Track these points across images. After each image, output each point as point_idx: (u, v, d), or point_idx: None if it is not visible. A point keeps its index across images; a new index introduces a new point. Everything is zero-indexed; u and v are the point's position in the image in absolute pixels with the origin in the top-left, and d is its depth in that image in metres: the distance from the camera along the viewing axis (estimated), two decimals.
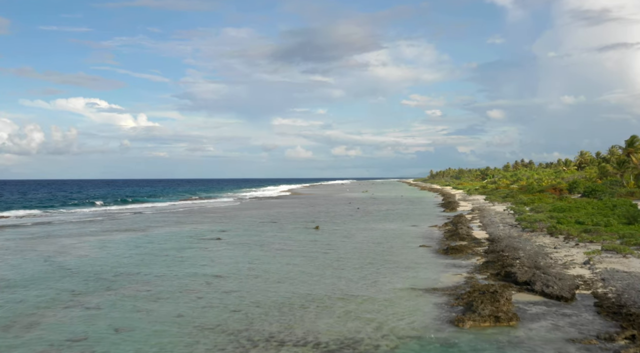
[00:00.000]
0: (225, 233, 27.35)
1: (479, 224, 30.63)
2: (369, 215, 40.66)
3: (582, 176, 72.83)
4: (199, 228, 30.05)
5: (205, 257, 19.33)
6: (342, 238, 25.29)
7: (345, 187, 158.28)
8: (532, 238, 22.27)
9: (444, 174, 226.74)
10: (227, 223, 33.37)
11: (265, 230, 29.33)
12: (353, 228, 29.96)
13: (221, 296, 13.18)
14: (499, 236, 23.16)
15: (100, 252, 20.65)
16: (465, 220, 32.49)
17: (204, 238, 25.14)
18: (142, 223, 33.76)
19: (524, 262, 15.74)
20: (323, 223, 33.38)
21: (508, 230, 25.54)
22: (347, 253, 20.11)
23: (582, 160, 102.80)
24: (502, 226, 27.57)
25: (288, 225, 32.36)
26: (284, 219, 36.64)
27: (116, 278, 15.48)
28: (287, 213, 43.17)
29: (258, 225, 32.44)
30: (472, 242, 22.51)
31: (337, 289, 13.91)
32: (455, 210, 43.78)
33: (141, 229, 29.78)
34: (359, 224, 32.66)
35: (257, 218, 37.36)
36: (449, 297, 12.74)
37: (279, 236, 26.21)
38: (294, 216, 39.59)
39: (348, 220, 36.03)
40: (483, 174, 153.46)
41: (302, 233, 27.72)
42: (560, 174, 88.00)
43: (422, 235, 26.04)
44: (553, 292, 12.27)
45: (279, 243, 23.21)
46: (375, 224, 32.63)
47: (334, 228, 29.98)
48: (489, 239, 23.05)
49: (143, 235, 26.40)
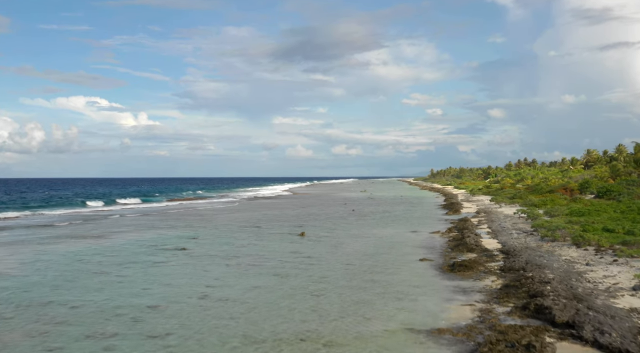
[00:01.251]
0: (194, 242, 23.60)
1: (487, 230, 26.85)
2: (364, 218, 36.90)
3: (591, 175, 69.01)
4: (168, 235, 26.30)
5: (152, 277, 15.56)
6: (328, 248, 21.53)
7: (344, 186, 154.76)
8: (556, 250, 18.50)
9: (444, 173, 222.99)
10: (204, 228, 29.62)
11: (242, 237, 25.57)
12: (344, 235, 26.20)
13: (140, 343, 9.43)
14: (515, 247, 19.37)
15: (23, 268, 16.85)
16: (472, 225, 28.72)
17: (166, 249, 21.39)
18: (107, 228, 30.00)
19: (556, 288, 11.94)
20: (311, 228, 29.63)
21: (524, 239, 21.76)
22: (330, 271, 16.34)
23: (589, 158, 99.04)
24: (515, 233, 23.78)
25: (271, 230, 28.60)
26: (269, 223, 32.90)
27: (14, 311, 11.69)
28: (276, 215, 39.42)
29: (238, 230, 28.69)
30: (483, 255, 18.73)
31: (307, 331, 10.15)
32: (459, 212, 40.00)
33: (100, 236, 26.01)
34: (352, 229, 28.91)
35: (241, 222, 33.62)
36: (460, 348, 8.99)
37: (256, 246, 22.46)
38: (282, 219, 35.84)
39: (340, 224, 32.27)
40: (485, 173, 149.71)
41: (283, 241, 23.97)
42: (567, 172, 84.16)
43: (423, 244, 22.29)
44: (613, 343, 8.49)
45: (252, 256, 19.45)
46: (370, 229, 28.88)
47: (322, 235, 26.22)
48: (503, 251, 19.25)
49: (95, 245, 22.61)
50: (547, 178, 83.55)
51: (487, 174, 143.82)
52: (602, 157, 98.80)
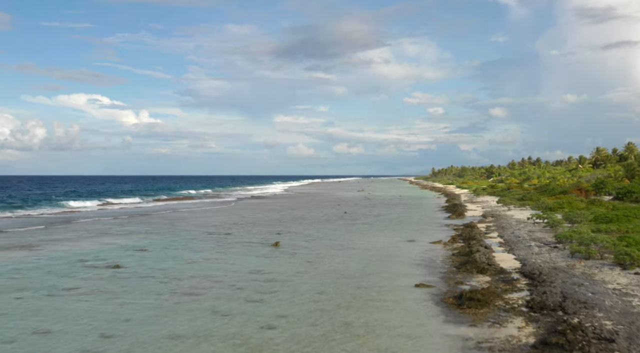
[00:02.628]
0: (138, 255, 19.17)
1: (499, 240, 22.38)
2: (356, 222, 32.45)
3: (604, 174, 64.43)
4: (114, 246, 21.85)
5: (34, 315, 11.11)
6: (302, 266, 17.09)
7: (343, 184, 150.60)
8: (595, 273, 14.04)
9: (446, 171, 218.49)
10: (164, 236, 25.19)
11: (202, 248, 21.13)
12: (326, 246, 21.76)
13: None
14: (540, 268, 14.87)
15: None
16: (479, 233, 24.26)
17: (95, 266, 16.94)
18: (52, 235, 25.56)
19: None
20: (291, 235, 25.21)
21: (548, 255, 17.29)
22: (292, 307, 11.90)
23: (598, 157, 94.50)
24: (535, 246, 19.29)
25: (242, 238, 24.17)
26: (245, 228, 28.46)
27: None
28: (257, 218, 34.99)
29: (202, 238, 24.26)
30: (499, 279, 14.27)
31: None
32: (463, 215, 35.52)
33: (32, 245, 21.51)
34: (338, 237, 24.47)
35: (213, 227, 29.19)
36: None
37: (211, 262, 18.01)
38: (262, 223, 31.41)
39: (326, 230, 27.83)
40: (488, 171, 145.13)
41: (250, 254, 19.54)
42: (576, 172, 79.59)
43: (421, 260, 17.84)
44: None
45: (198, 278, 15.01)
46: (359, 237, 24.45)
47: (300, 246, 21.78)
48: (525, 273, 14.76)
49: (10, 260, 18.15)
50: (555, 178, 79.07)
51: (490, 173, 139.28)
52: (611, 156, 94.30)
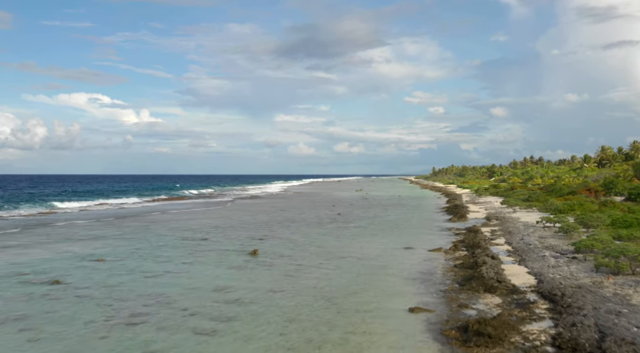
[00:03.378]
0: (90, 267, 16.60)
1: (507, 248, 19.79)
2: (349, 225, 29.86)
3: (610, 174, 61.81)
4: (69, 254, 19.25)
5: None
6: (277, 281, 14.51)
7: (343, 184, 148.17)
8: (630, 294, 11.45)
9: (446, 171, 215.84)
10: (132, 241, 22.62)
11: (170, 257, 18.55)
12: (311, 254, 19.18)
13: None
14: (562, 287, 12.26)
15: None
16: (484, 239, 21.67)
17: (29, 281, 14.33)
18: (9, 241, 23.01)
19: None
20: (275, 240, 22.65)
21: (567, 268, 14.69)
22: (249, 342, 9.30)
23: (604, 156, 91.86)
24: (551, 257, 16.67)
25: (218, 244, 21.59)
26: (225, 232, 25.89)
27: None
28: (242, 221, 32.40)
29: (174, 244, 21.67)
30: (513, 303, 11.67)
31: None
32: (465, 218, 32.92)
33: None
34: (326, 243, 21.89)
35: (190, 231, 26.63)
36: None
37: (174, 275, 15.43)
38: (246, 227, 28.84)
39: (314, 234, 25.25)
40: (489, 171, 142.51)
41: (221, 265, 16.97)
42: (582, 171, 76.96)
43: (418, 273, 15.26)
44: None
45: (148, 298, 12.43)
46: (351, 243, 21.87)
47: (282, 254, 19.20)
48: (543, 294, 12.15)
49: None
50: (560, 177, 76.48)
51: (491, 173, 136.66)
52: (617, 155, 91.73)
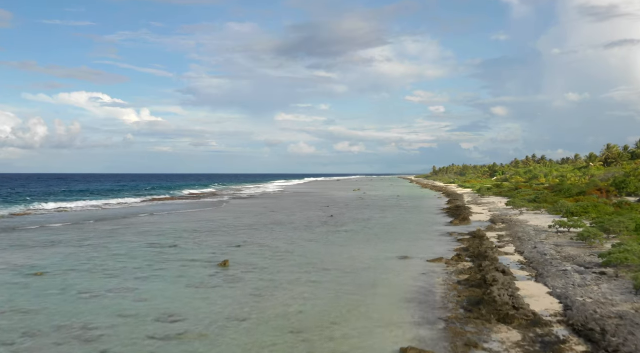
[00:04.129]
0: (21, 284, 13.86)
1: (519, 259, 17.05)
2: (340, 228, 27.15)
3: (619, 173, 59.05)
4: (5, 266, 16.55)
5: None
6: (240, 304, 11.77)
7: (342, 183, 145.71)
8: None
9: (447, 170, 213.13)
10: (88, 248, 19.89)
11: (124, 269, 15.82)
12: (291, 265, 16.47)
13: None
14: (599, 319, 9.50)
15: None
16: (491, 247, 18.93)
17: None
18: None
19: None
20: (253, 248, 19.94)
21: (597, 288, 11.94)
22: None
23: (609, 154, 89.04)
24: (574, 272, 13.90)
25: (187, 253, 18.87)
26: (199, 238, 23.18)
27: None
28: (224, 224, 29.68)
29: (135, 254, 18.93)
30: (537, 341, 8.93)
31: None
32: (468, 221, 30.18)
33: None
34: (311, 252, 19.17)
35: (162, 236, 23.93)
36: None
37: (119, 293, 12.69)
38: (226, 231, 26.13)
39: (300, 240, 22.54)
40: (491, 170, 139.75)
41: (181, 279, 14.25)
42: (588, 170, 74.17)
43: (414, 293, 12.54)
44: None
45: (68, 331, 9.72)
46: (340, 251, 19.16)
47: (256, 265, 16.48)
48: (575, 328, 9.37)
49: None
50: (564, 177, 73.75)
51: (493, 172, 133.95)
52: (623, 153, 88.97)
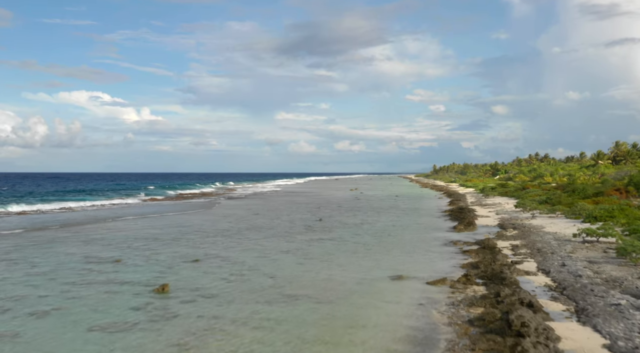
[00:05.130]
0: None
1: (545, 281, 13.19)
2: (326, 235, 23.33)
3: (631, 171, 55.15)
4: None
5: None
6: None
7: (340, 182, 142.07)
8: None
9: (447, 169, 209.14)
10: (9, 265, 16.10)
11: (27, 297, 11.99)
12: (248, 292, 12.66)
13: None
14: None
15: None
16: (507, 263, 15.09)
17: None
18: None
19: None
20: (211, 263, 16.12)
21: None
22: None
23: (618, 152, 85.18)
24: (634, 309, 10.08)
25: (126, 271, 15.05)
26: (153, 248, 19.36)
27: None
28: (195, 229, 25.86)
29: (57, 273, 15.10)
30: None
31: None
32: (473, 226, 26.32)
33: None
34: (281, 269, 15.35)
35: (109, 247, 20.14)
36: None
37: None
38: (191, 239, 22.33)
39: (274, 252, 18.70)
40: (493, 168, 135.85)
41: (95, 316, 10.44)
42: (597, 168, 70.28)
43: (409, 336, 8.69)
44: None
45: None
46: (316, 268, 15.35)
47: (203, 291, 12.66)
48: None
49: None
50: (572, 175, 69.91)
51: (495, 170, 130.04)
52: (632, 151, 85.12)
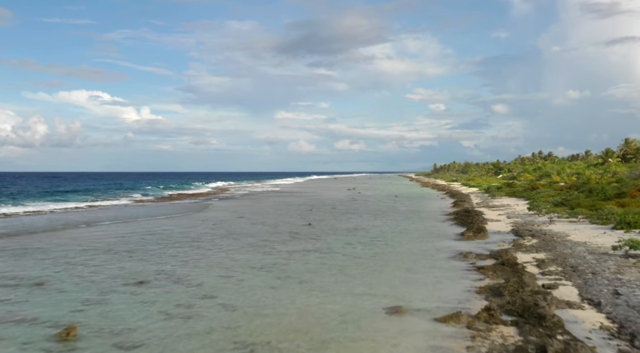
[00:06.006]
0: None
1: (598, 319, 9.53)
2: (312, 246, 19.69)
3: None
4: None
5: None
6: None
7: (339, 181, 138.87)
8: None
9: (448, 167, 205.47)
10: None
11: None
12: (189, 334, 9.02)
13: None
14: None
15: None
16: (539, 290, 11.47)
17: None
18: None
19: None
20: (162, 285, 12.51)
21: None
22: None
23: (627, 150, 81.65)
24: None
25: (47, 299, 11.45)
26: (98, 265, 15.76)
27: None
28: (162, 236, 22.22)
29: None
30: None
31: None
32: (484, 233, 22.62)
33: None
34: (244, 296, 11.72)
35: (53, 259, 16.54)
36: None
37: None
38: (150, 251, 18.73)
39: (240, 269, 15.08)
40: (496, 167, 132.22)
41: None
42: (609, 166, 66.69)
43: None
44: None
45: None
46: (289, 294, 11.74)
47: (124, 337, 9.05)
48: None
49: None
50: (580, 174, 66.33)
51: (498, 169, 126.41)
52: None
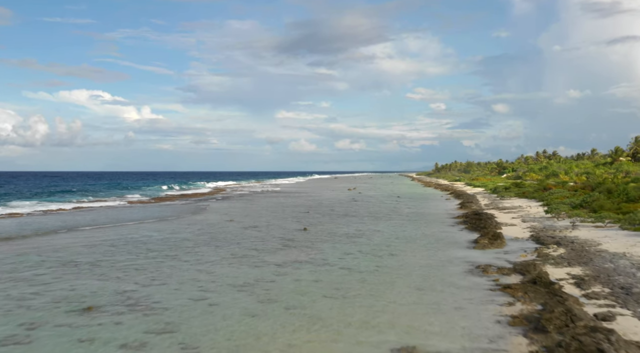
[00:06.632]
0: None
1: None
2: (304, 258, 17.00)
3: None
4: None
5: None
6: None
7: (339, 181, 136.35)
8: None
9: (450, 167, 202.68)
10: None
11: None
12: None
13: None
14: None
15: None
16: (596, 325, 8.75)
17: None
18: None
19: None
20: (113, 312, 9.82)
21: None
22: None
23: (638, 149, 78.92)
24: None
25: None
26: (45, 285, 13.09)
27: None
28: (142, 243, 19.55)
29: None
30: None
31: None
32: (501, 240, 19.85)
33: None
34: (210, 332, 9.05)
35: None
36: None
37: None
38: (118, 264, 16.06)
39: (217, 289, 12.40)
40: (500, 166, 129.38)
41: None
42: (620, 165, 63.93)
43: None
44: None
45: None
46: (270, 330, 9.04)
47: None
48: None
49: None
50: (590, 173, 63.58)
51: (502, 168, 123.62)
52: None
